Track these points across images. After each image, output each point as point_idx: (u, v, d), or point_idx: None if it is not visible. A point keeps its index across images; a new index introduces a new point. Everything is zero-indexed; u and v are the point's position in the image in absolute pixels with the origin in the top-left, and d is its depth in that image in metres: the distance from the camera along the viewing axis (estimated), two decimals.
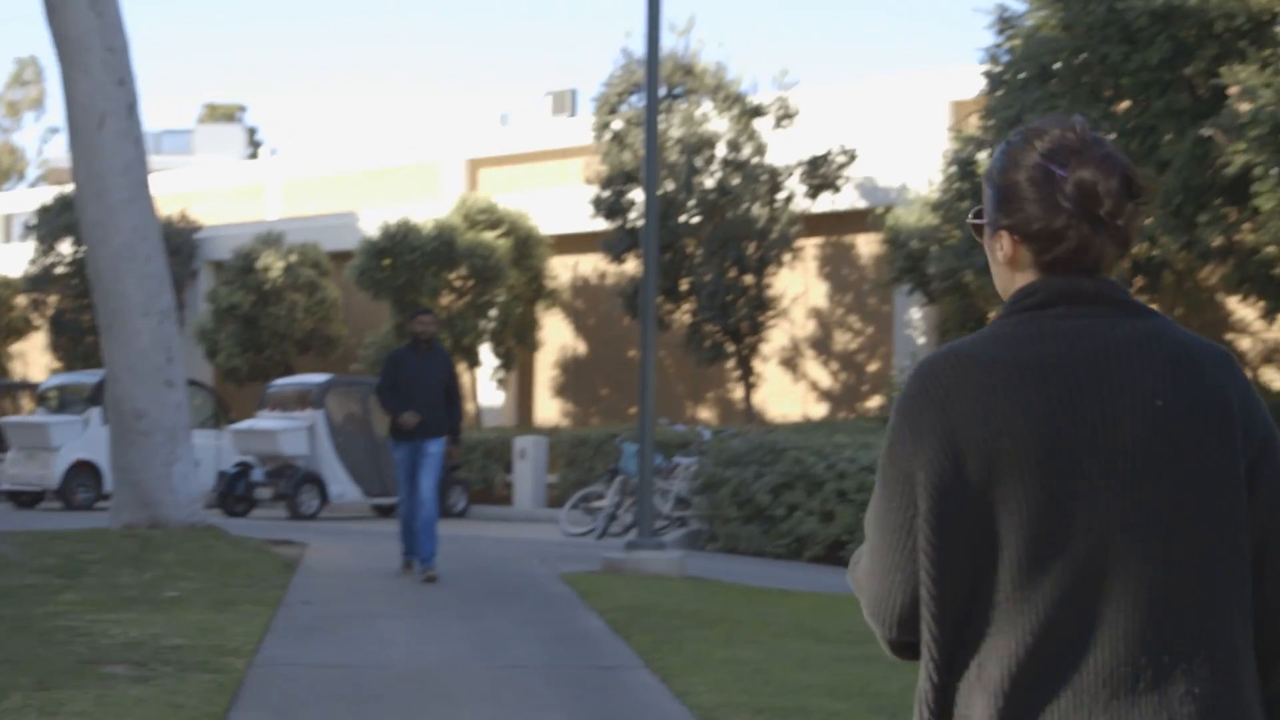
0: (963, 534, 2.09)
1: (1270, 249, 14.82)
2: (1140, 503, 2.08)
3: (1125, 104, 16.37)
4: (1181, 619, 2.08)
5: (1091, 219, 2.16)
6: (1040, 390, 2.10)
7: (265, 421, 22.88)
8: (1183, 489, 2.09)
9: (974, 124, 19.22)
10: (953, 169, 19.19)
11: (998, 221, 2.24)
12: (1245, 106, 14.47)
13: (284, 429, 22.45)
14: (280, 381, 24.08)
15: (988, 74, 17.88)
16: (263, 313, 29.82)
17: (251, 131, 63.40)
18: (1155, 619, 2.07)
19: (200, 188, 37.76)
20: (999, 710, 2.07)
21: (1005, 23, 17.84)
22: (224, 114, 67.77)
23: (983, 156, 18.17)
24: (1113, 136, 15.77)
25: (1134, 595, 2.07)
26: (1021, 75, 16.93)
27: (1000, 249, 2.24)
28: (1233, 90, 15.00)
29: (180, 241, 33.19)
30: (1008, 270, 2.25)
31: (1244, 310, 20.37)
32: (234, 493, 22.62)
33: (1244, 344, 21.31)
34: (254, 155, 51.92)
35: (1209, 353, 2.17)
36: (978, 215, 2.30)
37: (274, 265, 29.89)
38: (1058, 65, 16.39)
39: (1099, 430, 2.09)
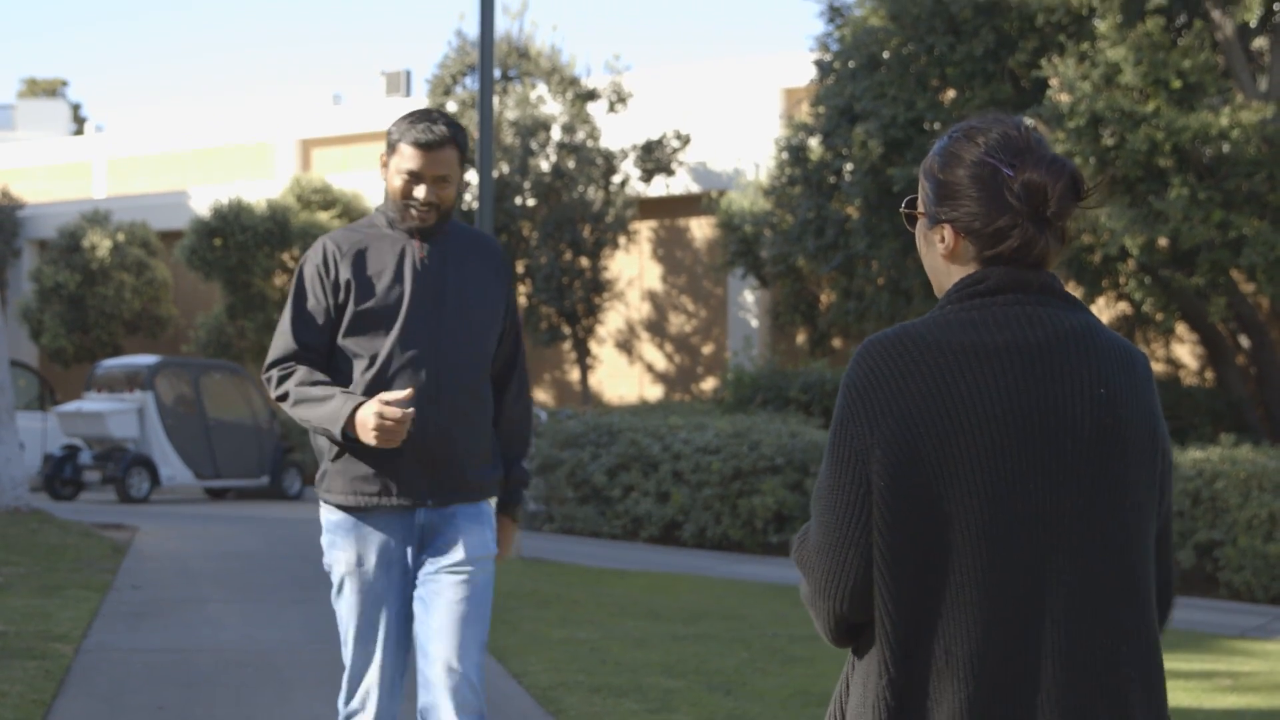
0: (918, 513, 2.11)
1: (1086, 236, 15.31)
2: (1085, 485, 2.14)
3: (951, 94, 16.77)
4: (1123, 599, 2.15)
5: (1037, 219, 2.19)
6: (992, 374, 2.14)
7: (93, 403, 22.39)
8: (1120, 474, 2.17)
9: (805, 111, 19.53)
10: (785, 155, 19.49)
11: (938, 215, 2.26)
12: (1064, 98, 14.93)
13: (112, 411, 22.01)
14: (108, 363, 23.56)
15: (818, 62, 18.19)
16: (89, 292, 29.19)
17: (76, 108, 61.74)
18: (1102, 598, 2.13)
19: (22, 164, 36.77)
20: (969, 695, 2.09)
21: (835, 11, 18.19)
22: (45, 89, 65.83)
23: (814, 143, 18.49)
24: (939, 125, 16.16)
25: (1082, 575, 2.13)
26: (851, 64, 17.25)
27: (941, 241, 2.26)
28: (1053, 82, 15.48)
29: (1, 219, 32.32)
30: (945, 262, 2.28)
31: None
32: (61, 476, 22.16)
33: None
34: (79, 132, 50.57)
35: (1137, 353, 2.25)
36: (910, 205, 2.32)
37: (101, 244, 29.26)
38: (886, 55, 16.74)
39: (1048, 415, 2.14)
